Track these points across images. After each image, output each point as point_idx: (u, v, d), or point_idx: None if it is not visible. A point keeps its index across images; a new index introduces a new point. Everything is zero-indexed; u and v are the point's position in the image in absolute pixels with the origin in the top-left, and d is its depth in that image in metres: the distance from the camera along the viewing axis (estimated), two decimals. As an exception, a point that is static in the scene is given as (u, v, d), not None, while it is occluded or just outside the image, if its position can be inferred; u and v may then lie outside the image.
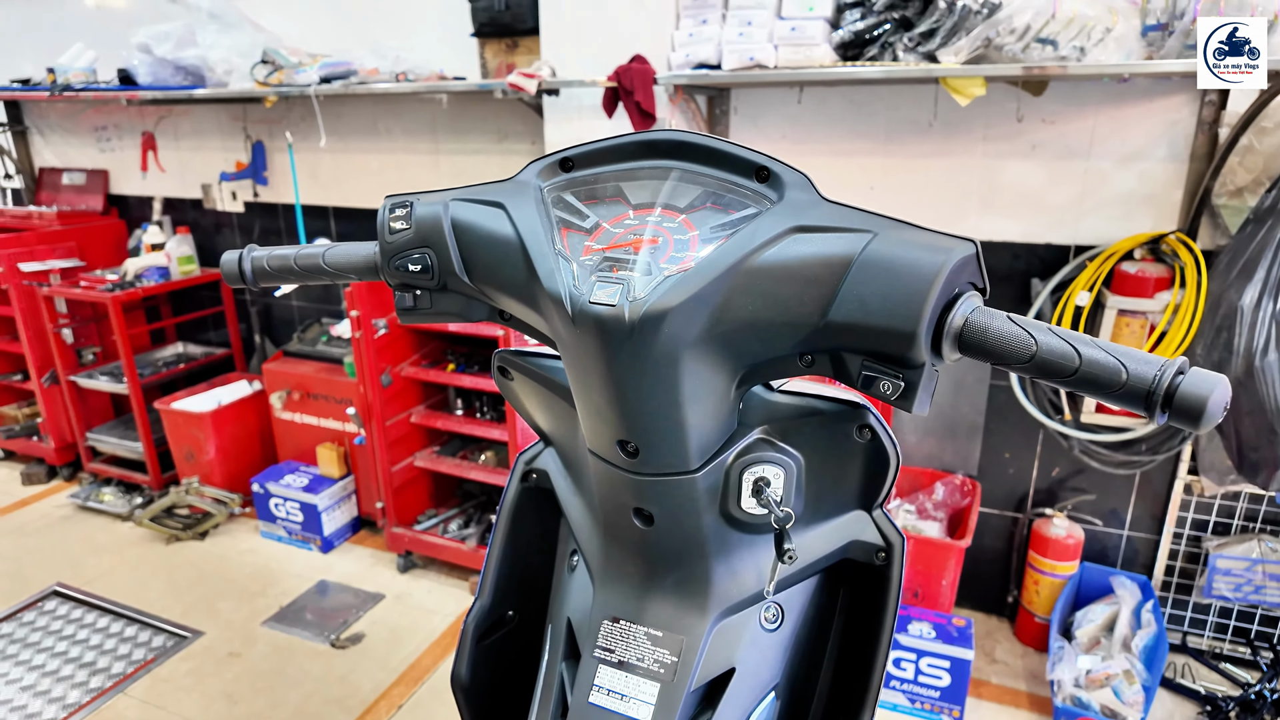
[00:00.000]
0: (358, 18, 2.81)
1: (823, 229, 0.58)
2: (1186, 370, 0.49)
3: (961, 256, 0.54)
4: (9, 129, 3.74)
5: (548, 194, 0.67)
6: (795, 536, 0.74)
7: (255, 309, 3.47)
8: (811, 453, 0.70)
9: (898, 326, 0.54)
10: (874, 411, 0.67)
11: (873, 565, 0.75)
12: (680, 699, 0.70)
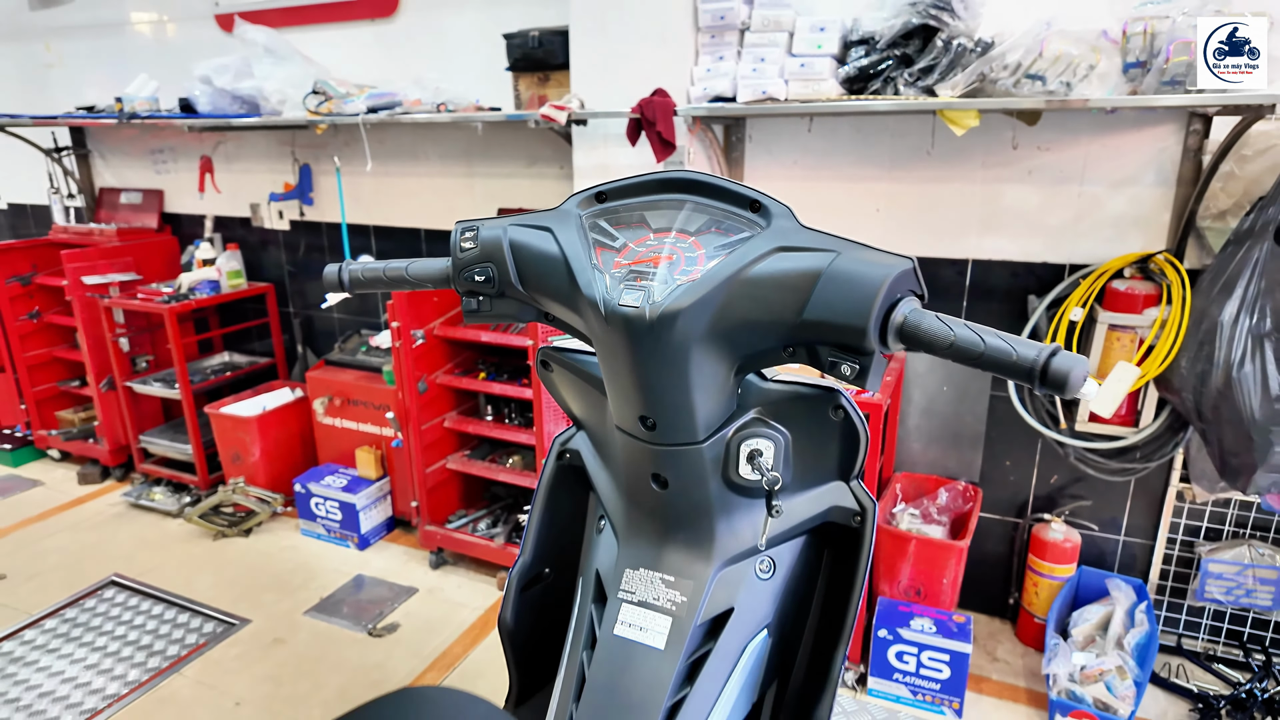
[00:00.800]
0: (402, 52, 3.03)
1: (799, 249, 0.74)
2: (1058, 353, 0.65)
3: (900, 271, 0.70)
4: (73, 152, 4.01)
5: (585, 220, 0.85)
6: (785, 501, 0.90)
7: (298, 320, 3.69)
8: (797, 429, 0.86)
9: (853, 323, 0.70)
10: (845, 394, 0.83)
11: (850, 527, 0.90)
12: (688, 631, 0.85)
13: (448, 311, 2.90)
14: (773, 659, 0.92)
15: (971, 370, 2.47)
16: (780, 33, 2.19)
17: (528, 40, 2.51)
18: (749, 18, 2.23)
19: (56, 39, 3.97)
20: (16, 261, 3.73)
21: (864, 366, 0.72)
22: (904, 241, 2.49)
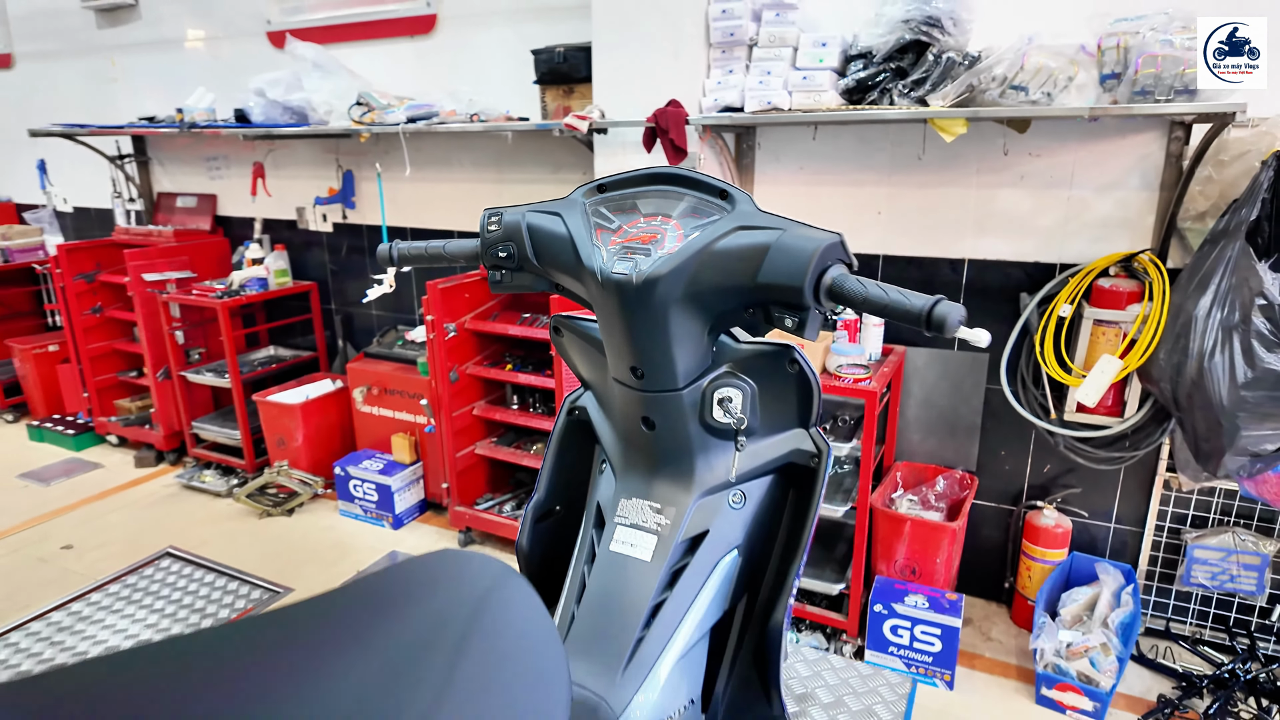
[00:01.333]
0: (439, 66, 3.27)
1: (755, 227, 0.93)
2: (940, 302, 0.82)
3: (830, 243, 0.88)
4: (134, 159, 4.31)
5: (589, 207, 1.04)
6: (753, 445, 1.07)
7: (339, 316, 3.94)
8: (761, 380, 1.03)
9: (794, 284, 0.88)
10: (798, 350, 1.01)
11: (808, 467, 1.08)
12: (670, 548, 1.03)
13: (478, 307, 3.12)
14: (742, 576, 1.09)
15: (968, 364, 2.62)
16: (785, 48, 2.37)
17: (554, 56, 2.72)
18: (757, 34, 2.42)
19: (120, 54, 4.28)
20: (82, 260, 4.03)
21: (803, 320, 0.89)
22: (904, 242, 2.65)
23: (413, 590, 0.59)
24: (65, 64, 4.50)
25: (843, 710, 1.72)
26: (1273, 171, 2.01)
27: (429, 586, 0.59)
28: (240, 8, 3.77)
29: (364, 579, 0.59)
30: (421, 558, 0.64)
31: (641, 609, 1.00)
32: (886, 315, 0.86)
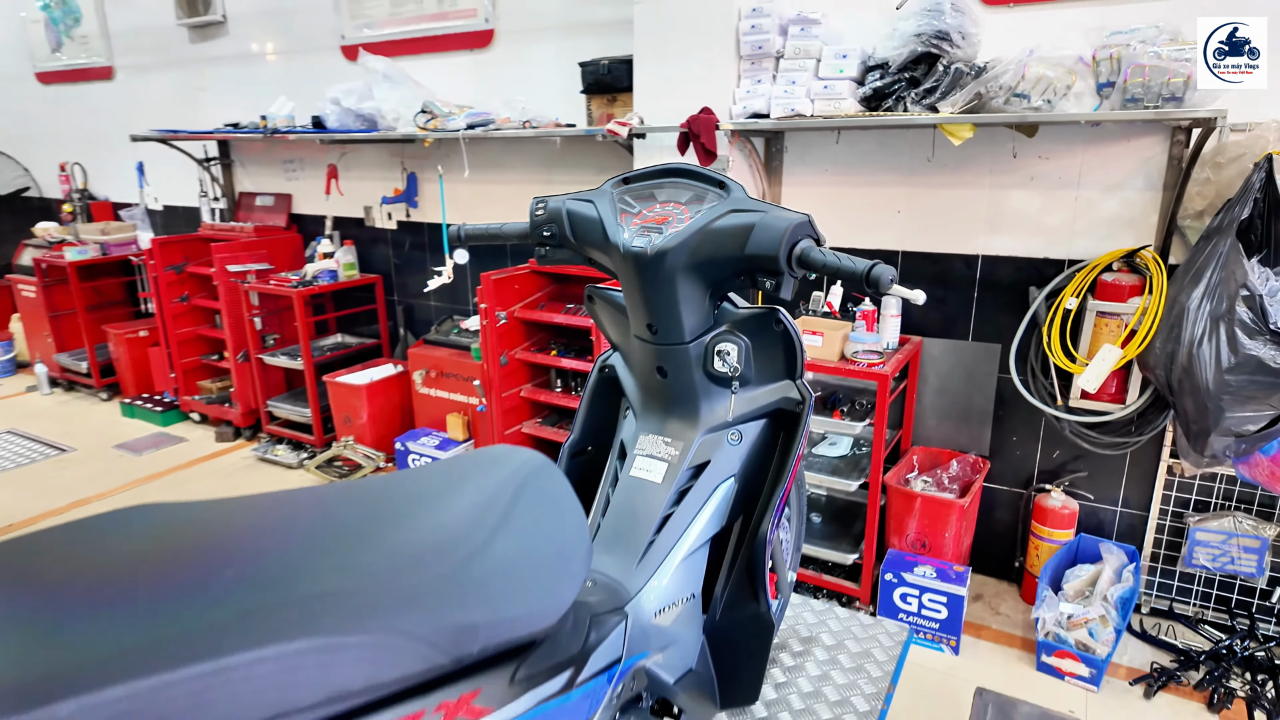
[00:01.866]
0: (495, 77, 3.57)
1: (743, 210, 1.16)
2: (876, 265, 1.04)
3: (799, 222, 1.11)
4: (219, 162, 4.74)
5: (615, 195, 1.28)
6: (748, 393, 1.30)
7: (401, 307, 4.28)
8: (753, 337, 1.26)
9: (771, 253, 1.11)
10: (783, 313, 1.24)
11: (794, 412, 1.30)
12: (678, 473, 1.27)
13: (527, 297, 3.40)
14: (738, 500, 1.32)
15: (981, 354, 2.80)
16: (809, 59, 2.59)
17: (599, 68, 2.99)
18: (783, 47, 2.64)
19: (209, 66, 4.71)
20: (172, 253, 4.46)
21: (778, 282, 1.13)
22: (921, 239, 2.84)
23: (485, 464, 0.85)
24: (160, 75, 4.95)
25: (842, 652, 1.92)
26: (1264, 173, 2.15)
27: (497, 463, 0.85)
28: (317, 24, 4.14)
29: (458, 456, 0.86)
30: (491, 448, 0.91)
31: (653, 520, 1.24)
32: (839, 277, 1.09)
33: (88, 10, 5.12)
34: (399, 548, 0.67)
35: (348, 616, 0.58)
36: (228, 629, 0.52)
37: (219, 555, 0.59)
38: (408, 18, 3.78)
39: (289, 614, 0.55)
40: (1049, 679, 2.45)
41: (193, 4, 4.53)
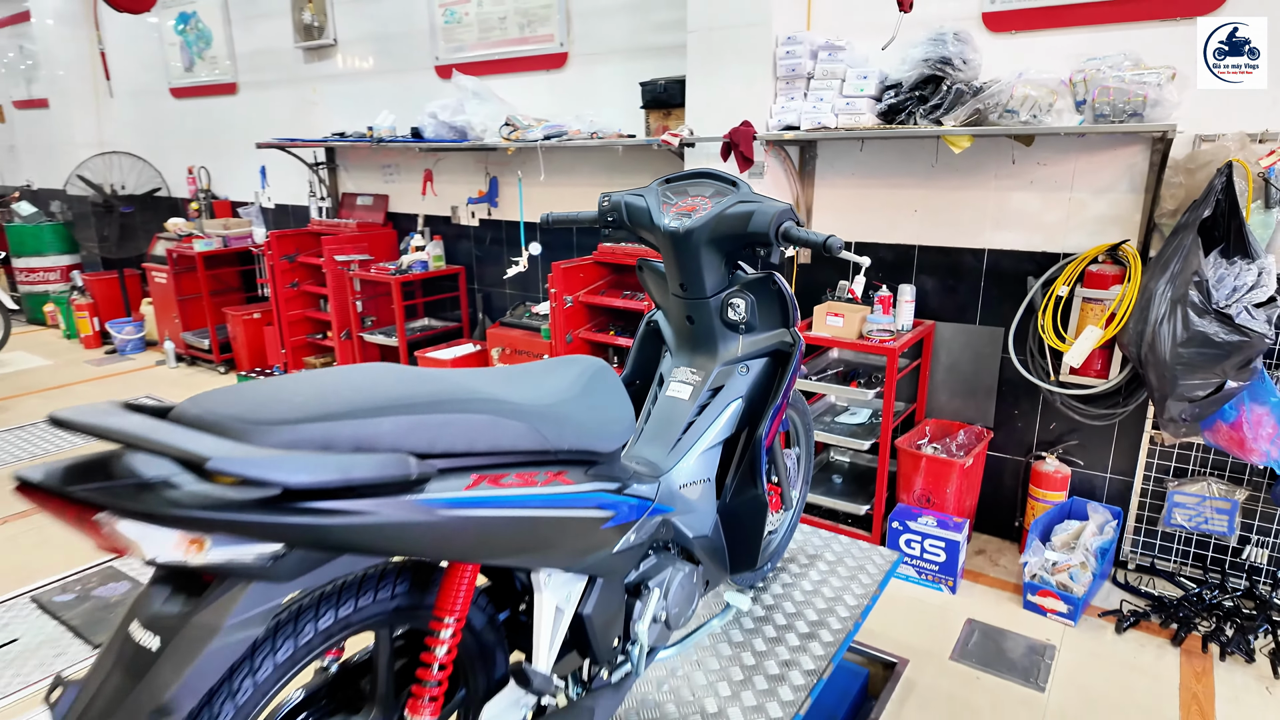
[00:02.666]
0: (567, 94, 4.12)
1: (748, 201, 1.63)
2: (831, 237, 1.50)
3: (784, 209, 1.58)
4: (326, 166, 5.43)
5: (659, 191, 1.77)
6: (753, 337, 1.78)
7: (480, 294, 4.87)
8: (757, 295, 1.74)
9: (764, 230, 1.58)
10: (778, 276, 1.71)
11: (787, 351, 1.77)
12: (700, 393, 1.75)
13: (591, 284, 3.92)
14: (744, 416, 1.78)
15: (987, 336, 3.18)
16: (835, 80, 3.03)
17: (656, 86, 3.49)
18: (814, 69, 3.09)
19: (320, 83, 5.40)
20: (286, 245, 5.15)
21: (769, 252, 1.59)
22: (935, 234, 3.24)
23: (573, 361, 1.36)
24: (277, 91, 5.69)
25: (840, 567, 2.36)
26: (1225, 177, 2.51)
27: (579, 361, 1.35)
28: (414, 46, 4.76)
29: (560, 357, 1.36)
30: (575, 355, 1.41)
31: (682, 424, 1.72)
32: (808, 246, 1.55)
33: (218, 35, 5.90)
34: (530, 390, 1.17)
35: (506, 414, 1.08)
36: (453, 404, 1.03)
37: (442, 380, 1.09)
38: (494, 41, 4.36)
39: (479, 405, 1.05)
40: (1033, 615, 2.82)
41: (308, 30, 5.23)
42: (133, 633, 0.86)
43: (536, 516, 1.12)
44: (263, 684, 0.95)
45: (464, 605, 1.12)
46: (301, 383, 0.96)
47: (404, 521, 0.94)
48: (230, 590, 0.85)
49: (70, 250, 7.30)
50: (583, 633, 1.36)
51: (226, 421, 0.85)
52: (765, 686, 1.84)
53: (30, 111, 7.86)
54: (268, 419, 0.87)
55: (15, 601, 2.93)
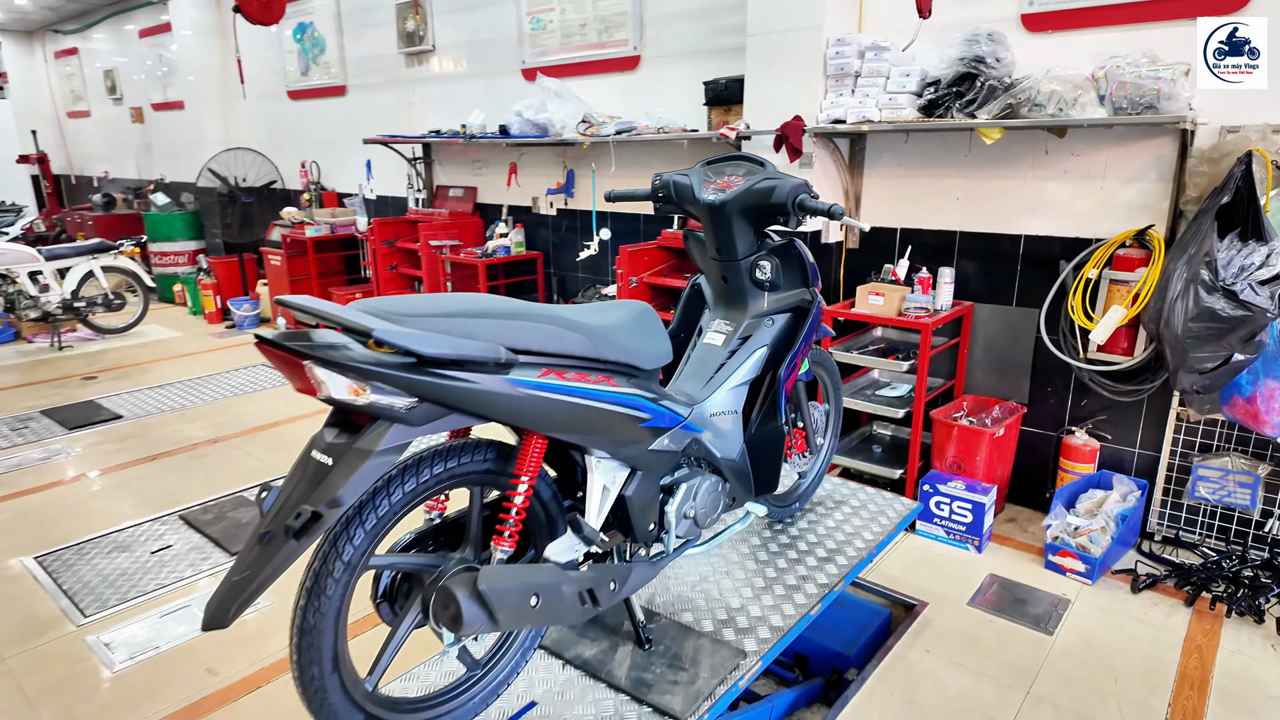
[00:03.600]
0: (638, 93, 4.51)
1: (772, 177, 1.97)
2: (835, 205, 1.82)
3: (800, 183, 1.91)
4: (423, 160, 5.99)
5: (701, 171, 2.13)
6: (777, 295, 2.11)
7: (555, 277, 5.32)
8: (781, 258, 2.07)
9: (784, 201, 1.91)
10: (799, 241, 2.04)
11: (806, 308, 2.10)
12: (731, 341, 2.10)
13: (654, 267, 4.30)
14: (769, 361, 2.12)
15: (1022, 317, 3.40)
16: (880, 77, 3.31)
17: (718, 85, 3.84)
18: (860, 68, 3.37)
19: (420, 85, 5.97)
20: (386, 232, 5.73)
21: (787, 219, 1.92)
22: (975, 221, 3.47)
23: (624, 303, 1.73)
24: (381, 93, 6.29)
25: (863, 510, 2.65)
26: (1244, 166, 2.68)
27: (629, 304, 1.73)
28: (504, 50, 5.24)
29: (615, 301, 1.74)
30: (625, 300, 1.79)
31: (715, 364, 2.07)
32: (817, 214, 1.87)
33: (331, 42, 6.56)
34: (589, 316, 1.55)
35: (569, 327, 1.47)
36: (532, 316, 1.42)
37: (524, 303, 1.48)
38: (574, 46, 4.79)
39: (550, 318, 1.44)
40: (1053, 574, 3.03)
41: (410, 37, 5.79)
42: (313, 455, 1.28)
43: (588, 405, 1.50)
44: (395, 504, 1.36)
45: (534, 469, 1.51)
46: (431, 296, 1.37)
47: (495, 391, 1.33)
48: (379, 429, 1.26)
49: (197, 236, 8.18)
50: (625, 514, 1.73)
51: (383, 313, 1.26)
52: (782, 593, 2.17)
53: (165, 113, 8.81)
54: (410, 313, 1.28)
55: (168, 518, 3.52)
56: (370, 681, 1.44)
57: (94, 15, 9.70)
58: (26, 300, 6.37)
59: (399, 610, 1.49)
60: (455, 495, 1.54)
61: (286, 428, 4.65)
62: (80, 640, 2.66)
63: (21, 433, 4.61)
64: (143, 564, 3.13)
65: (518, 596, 1.40)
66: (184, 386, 5.47)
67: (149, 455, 4.24)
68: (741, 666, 1.87)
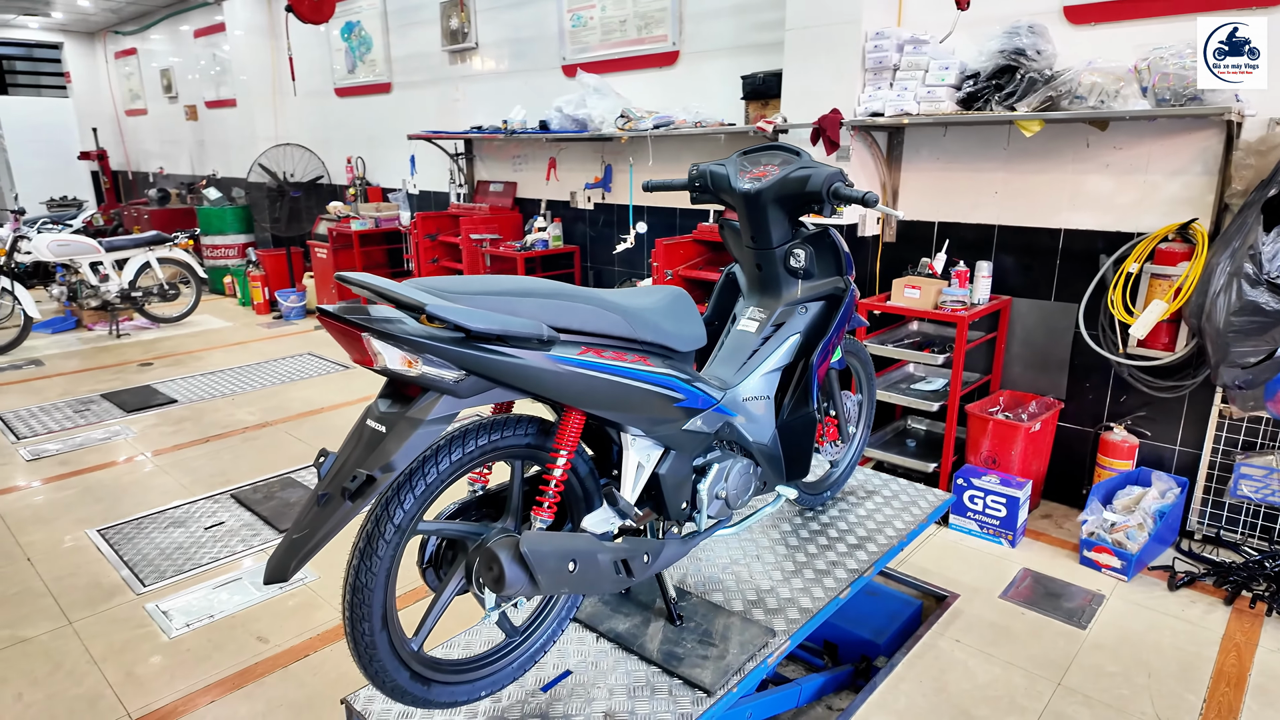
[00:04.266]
0: (675, 88, 4.56)
1: (807, 166, 2.01)
2: (869, 193, 1.85)
3: (835, 172, 1.94)
4: (464, 156, 6.11)
5: (737, 161, 2.18)
6: (811, 283, 2.15)
7: (592, 271, 5.39)
8: (816, 246, 2.11)
9: (819, 189, 1.95)
10: (833, 230, 2.08)
11: (839, 295, 2.14)
12: (765, 327, 2.14)
13: (690, 260, 4.34)
14: (801, 348, 2.15)
15: (1060, 312, 3.38)
16: (919, 70, 3.32)
17: (756, 79, 3.87)
18: (899, 61, 3.38)
19: (461, 82, 6.09)
20: (429, 225, 5.87)
21: (821, 208, 1.96)
22: (1013, 215, 3.45)
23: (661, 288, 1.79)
24: (425, 90, 6.44)
25: (895, 500, 2.68)
26: (1292, 158, 2.64)
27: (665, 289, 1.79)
28: (544, 47, 5.34)
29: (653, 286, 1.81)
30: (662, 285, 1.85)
31: (748, 351, 2.11)
32: (853, 202, 1.90)
33: (377, 41, 6.73)
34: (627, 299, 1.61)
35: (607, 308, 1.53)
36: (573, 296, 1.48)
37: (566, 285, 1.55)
38: (614, 43, 4.86)
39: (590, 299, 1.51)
40: (1088, 570, 3.02)
41: (454, 34, 5.92)
42: (368, 424, 1.36)
43: (624, 383, 1.56)
44: (442, 472, 1.44)
45: (572, 444, 1.58)
46: (479, 277, 1.45)
47: (538, 367, 1.40)
48: (429, 399, 1.34)
49: (246, 230, 8.44)
50: (658, 492, 1.79)
51: (435, 291, 1.34)
52: (812, 577, 2.21)
53: (218, 110, 9.10)
54: (459, 291, 1.35)
55: (221, 496, 3.67)
56: (415, 642, 1.52)
57: (152, 16, 10.06)
58: (88, 289, 6.66)
59: (443, 576, 1.57)
60: (496, 471, 1.62)
61: (331, 414, 4.80)
62: (140, 607, 2.80)
63: (84, 414, 4.83)
64: (197, 539, 3.28)
65: (557, 560, 1.47)
66: (234, 373, 5.68)
67: (202, 437, 4.42)
68: (770, 644, 1.91)
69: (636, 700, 1.73)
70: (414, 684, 1.49)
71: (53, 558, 3.15)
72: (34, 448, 4.30)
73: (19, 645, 2.59)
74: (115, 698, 2.35)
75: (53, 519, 3.47)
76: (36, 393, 5.28)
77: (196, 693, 2.37)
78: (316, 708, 2.30)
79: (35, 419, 4.76)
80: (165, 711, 2.29)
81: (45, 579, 2.99)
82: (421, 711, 1.68)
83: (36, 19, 10.70)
